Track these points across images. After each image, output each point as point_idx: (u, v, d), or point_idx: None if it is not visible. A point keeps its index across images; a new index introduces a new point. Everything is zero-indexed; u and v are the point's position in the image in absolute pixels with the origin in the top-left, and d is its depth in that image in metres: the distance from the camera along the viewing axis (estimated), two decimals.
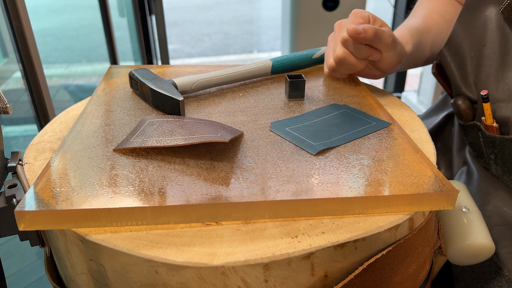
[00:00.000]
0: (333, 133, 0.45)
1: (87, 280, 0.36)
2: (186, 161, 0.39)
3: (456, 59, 0.59)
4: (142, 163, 0.39)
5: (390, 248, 0.34)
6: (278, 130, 0.46)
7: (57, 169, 0.38)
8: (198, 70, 0.62)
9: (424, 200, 0.35)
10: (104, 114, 0.49)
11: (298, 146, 0.42)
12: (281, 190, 0.35)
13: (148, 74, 0.53)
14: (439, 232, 0.42)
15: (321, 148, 0.41)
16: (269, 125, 0.47)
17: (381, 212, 0.35)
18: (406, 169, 0.38)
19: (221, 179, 0.36)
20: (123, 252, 0.31)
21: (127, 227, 0.33)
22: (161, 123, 0.43)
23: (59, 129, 0.49)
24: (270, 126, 0.47)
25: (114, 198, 0.34)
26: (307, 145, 0.42)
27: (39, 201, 0.33)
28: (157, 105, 0.50)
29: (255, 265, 0.30)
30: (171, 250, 0.31)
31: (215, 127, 0.42)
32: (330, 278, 0.33)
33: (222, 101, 0.54)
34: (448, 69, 0.60)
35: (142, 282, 0.32)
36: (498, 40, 0.53)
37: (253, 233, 0.33)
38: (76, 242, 0.34)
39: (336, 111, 0.50)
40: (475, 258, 0.43)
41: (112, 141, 0.42)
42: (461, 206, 0.45)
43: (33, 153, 0.44)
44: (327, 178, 0.37)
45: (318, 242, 0.32)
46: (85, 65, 2.17)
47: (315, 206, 0.34)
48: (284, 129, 0.45)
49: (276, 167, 0.38)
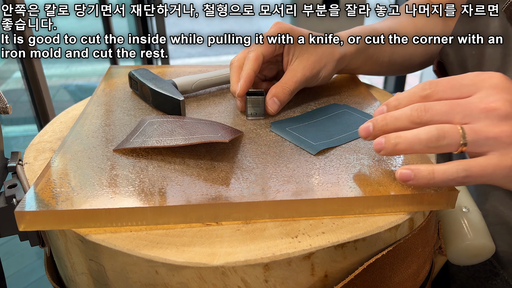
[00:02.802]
0: (333, 133, 0.45)
1: (87, 280, 0.36)
2: (186, 161, 0.39)
3: (457, 57, 0.58)
4: (142, 163, 0.39)
5: (390, 248, 0.34)
6: (278, 130, 0.45)
7: (57, 169, 0.38)
8: (198, 70, 0.62)
9: (424, 200, 0.35)
10: (104, 114, 0.49)
11: (298, 146, 0.42)
12: (281, 190, 0.35)
13: (148, 74, 0.53)
14: (439, 232, 0.42)
15: (321, 148, 0.41)
16: (269, 125, 0.47)
17: (381, 212, 0.35)
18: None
19: (221, 179, 0.36)
20: (123, 252, 0.31)
21: (127, 227, 0.33)
22: (161, 123, 0.43)
23: (59, 129, 0.49)
24: (270, 126, 0.47)
25: (114, 198, 0.34)
26: (307, 145, 0.42)
27: (39, 201, 0.33)
28: (158, 105, 0.50)
29: (255, 265, 0.30)
30: (171, 250, 0.31)
31: (215, 127, 0.42)
32: (330, 278, 0.33)
33: (222, 101, 0.54)
34: (449, 67, 0.60)
35: (142, 282, 0.32)
36: (500, 39, 0.53)
37: (253, 233, 0.33)
38: (76, 242, 0.34)
39: (336, 111, 0.50)
40: (475, 258, 0.43)
41: (112, 141, 0.42)
42: (461, 206, 0.45)
43: (33, 153, 0.44)
44: (327, 178, 0.37)
45: (318, 242, 0.32)
46: (85, 65, 2.17)
47: (315, 206, 0.34)
48: (284, 129, 0.45)
49: (276, 167, 0.38)
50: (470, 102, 0.33)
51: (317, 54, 0.51)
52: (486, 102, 0.32)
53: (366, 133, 0.37)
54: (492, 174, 0.31)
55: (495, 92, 0.32)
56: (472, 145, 0.32)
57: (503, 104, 0.31)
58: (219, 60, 3.52)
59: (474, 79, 0.34)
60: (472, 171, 0.31)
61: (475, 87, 0.33)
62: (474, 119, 0.32)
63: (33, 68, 1.06)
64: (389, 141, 0.34)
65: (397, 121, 0.34)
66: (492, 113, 0.32)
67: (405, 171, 0.32)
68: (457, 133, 0.32)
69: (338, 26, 0.70)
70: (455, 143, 0.32)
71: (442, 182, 0.32)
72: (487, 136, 0.31)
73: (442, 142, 0.32)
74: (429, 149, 0.32)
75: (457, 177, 0.31)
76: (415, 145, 0.32)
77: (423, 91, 0.35)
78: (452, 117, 0.33)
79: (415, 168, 0.32)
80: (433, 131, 0.32)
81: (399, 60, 0.62)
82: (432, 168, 0.32)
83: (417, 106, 0.33)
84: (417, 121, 0.33)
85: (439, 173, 0.32)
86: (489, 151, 0.32)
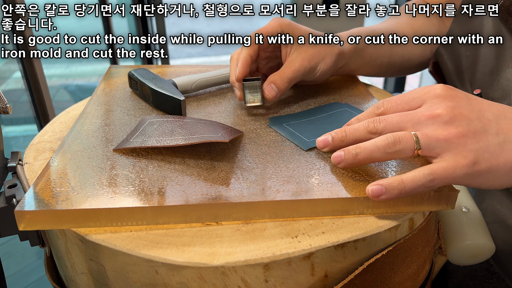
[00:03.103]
0: (330, 131, 0.45)
1: (87, 280, 0.36)
2: (186, 161, 0.39)
3: (452, 57, 0.59)
4: (142, 163, 0.39)
5: (390, 248, 0.34)
6: (275, 125, 0.46)
7: (57, 169, 0.38)
8: (198, 70, 0.62)
9: (424, 200, 0.35)
10: (104, 114, 0.49)
11: (291, 141, 0.43)
12: (281, 190, 0.35)
13: (147, 74, 0.53)
14: (439, 232, 0.42)
15: (313, 145, 0.41)
16: (269, 124, 0.47)
17: (381, 212, 0.35)
18: (406, 169, 0.38)
19: (221, 179, 0.36)
20: (123, 252, 0.31)
21: (127, 227, 0.33)
22: (161, 123, 0.43)
23: (59, 129, 0.49)
24: (268, 121, 0.47)
25: (114, 198, 0.34)
26: (300, 141, 0.43)
27: (39, 201, 0.33)
28: (158, 105, 0.50)
29: (255, 265, 0.30)
30: (171, 250, 0.31)
31: (215, 127, 0.42)
32: (330, 278, 0.33)
33: (222, 101, 0.54)
34: (444, 68, 0.60)
35: (142, 282, 0.32)
36: (500, 39, 0.53)
37: (253, 233, 0.33)
38: (76, 242, 0.34)
39: (336, 109, 0.51)
40: (475, 258, 0.43)
41: (112, 141, 0.42)
42: (461, 206, 0.45)
43: (33, 153, 0.44)
44: (327, 178, 0.37)
45: (318, 242, 0.32)
46: (85, 65, 2.17)
47: (315, 206, 0.34)
48: (281, 125, 0.46)
49: (276, 167, 0.38)
50: (418, 112, 0.36)
51: (315, 47, 0.52)
52: (431, 110, 0.35)
53: (324, 144, 0.40)
54: (453, 173, 0.33)
55: (438, 100, 0.36)
56: (426, 148, 0.34)
57: (445, 110, 0.35)
58: (219, 60, 3.52)
59: (419, 92, 0.37)
60: (437, 173, 0.33)
61: (421, 99, 0.37)
62: (422, 126, 0.35)
63: (33, 68, 1.06)
64: (349, 152, 0.37)
65: (356, 132, 0.38)
66: (437, 119, 0.35)
67: (376, 187, 0.34)
68: (410, 137, 0.34)
69: (338, 26, 0.70)
70: (410, 147, 0.34)
71: (412, 189, 0.34)
72: (438, 138, 0.34)
73: (398, 147, 0.34)
74: (387, 155, 0.35)
75: (425, 182, 0.33)
76: (374, 152, 0.35)
77: (378, 109, 0.39)
78: (403, 125, 0.36)
79: (385, 182, 0.34)
80: (390, 137, 0.35)
81: (398, 61, 0.62)
82: (400, 178, 0.34)
83: (373, 119, 0.37)
84: (373, 131, 0.37)
85: (408, 181, 0.33)
86: (443, 153, 0.34)
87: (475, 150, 0.34)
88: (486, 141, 0.34)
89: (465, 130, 0.34)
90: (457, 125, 0.34)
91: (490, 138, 0.34)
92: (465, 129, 0.34)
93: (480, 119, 0.35)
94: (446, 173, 0.33)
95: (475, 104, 0.36)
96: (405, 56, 0.63)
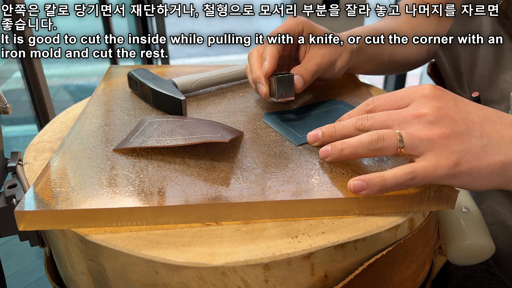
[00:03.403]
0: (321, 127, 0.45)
1: (87, 280, 0.36)
2: (186, 161, 0.39)
3: (450, 59, 0.59)
4: (142, 163, 0.39)
5: (390, 248, 0.34)
6: (269, 120, 0.46)
7: (57, 169, 0.38)
8: (198, 70, 0.62)
9: (424, 200, 0.35)
10: (104, 114, 0.49)
11: (284, 136, 0.43)
12: (281, 190, 0.35)
13: (147, 74, 0.53)
14: (439, 232, 0.42)
15: (304, 141, 0.42)
16: (269, 127, 0.47)
17: (381, 212, 0.35)
18: None
19: (221, 179, 0.36)
20: (123, 252, 0.31)
21: (127, 227, 0.33)
22: (161, 123, 0.43)
23: (59, 129, 0.49)
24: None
25: (114, 198, 0.33)
26: (292, 136, 0.43)
27: (39, 201, 0.33)
28: (158, 105, 0.50)
29: (255, 265, 0.30)
30: (171, 250, 0.31)
31: (215, 127, 0.42)
32: (330, 278, 0.33)
33: (222, 101, 0.54)
34: (442, 70, 0.60)
35: (142, 282, 0.32)
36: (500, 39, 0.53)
37: (253, 233, 0.33)
38: (76, 242, 0.34)
39: (331, 106, 0.51)
40: (475, 258, 0.43)
41: (112, 141, 0.42)
42: (461, 206, 0.45)
43: (33, 153, 0.44)
44: (327, 178, 0.37)
45: (318, 242, 0.32)
46: (85, 65, 2.17)
47: (315, 206, 0.34)
48: (275, 120, 0.46)
49: (276, 167, 0.38)
50: (405, 111, 0.37)
51: (331, 45, 0.53)
52: (417, 109, 0.36)
53: (315, 139, 0.41)
54: (434, 173, 0.34)
55: (426, 100, 0.36)
56: (409, 147, 0.35)
57: (431, 110, 0.35)
58: (219, 60, 3.52)
59: (408, 91, 0.38)
60: (418, 172, 0.34)
61: (409, 98, 0.37)
62: (408, 125, 0.36)
63: (33, 68, 1.06)
64: (335, 147, 0.38)
65: (344, 128, 0.39)
66: (422, 118, 0.35)
67: (357, 182, 0.34)
68: (394, 135, 0.35)
69: (338, 26, 0.70)
70: (394, 145, 0.35)
71: (393, 187, 0.34)
72: (421, 138, 0.34)
73: (382, 144, 0.35)
74: (371, 151, 0.36)
75: (405, 180, 0.34)
76: (358, 148, 0.36)
77: (367, 106, 0.40)
78: (390, 124, 0.36)
79: (366, 178, 0.34)
80: (374, 135, 0.35)
81: (398, 58, 0.63)
82: (382, 174, 0.34)
83: (361, 116, 0.38)
84: (361, 128, 0.37)
85: (389, 178, 0.34)
86: (426, 152, 0.34)
87: (457, 151, 0.34)
88: (469, 143, 0.34)
89: (449, 131, 0.34)
90: (441, 125, 0.34)
91: (474, 140, 0.34)
92: (449, 130, 0.34)
93: (465, 121, 0.35)
94: (427, 172, 0.34)
95: (462, 106, 0.36)
96: (405, 53, 0.63)
